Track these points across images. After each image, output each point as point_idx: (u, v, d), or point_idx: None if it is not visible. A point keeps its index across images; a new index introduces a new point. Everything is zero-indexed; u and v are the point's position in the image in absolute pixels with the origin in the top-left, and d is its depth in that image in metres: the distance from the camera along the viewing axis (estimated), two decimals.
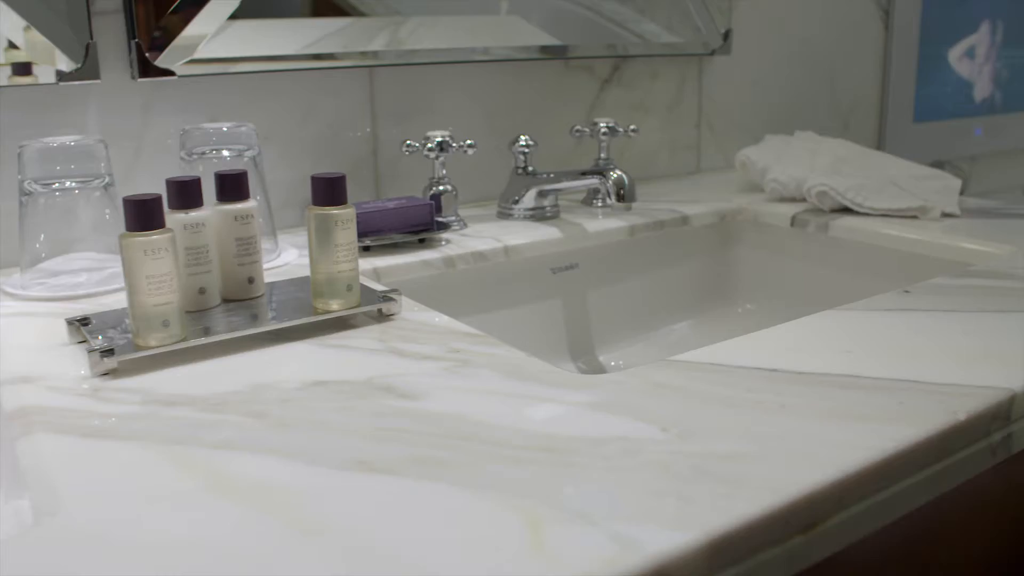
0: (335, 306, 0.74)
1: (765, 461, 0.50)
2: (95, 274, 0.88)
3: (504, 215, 1.15)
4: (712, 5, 1.43)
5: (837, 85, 1.74)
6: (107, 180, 0.89)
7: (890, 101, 1.84)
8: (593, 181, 1.04)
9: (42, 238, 0.88)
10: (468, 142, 1.08)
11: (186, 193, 0.73)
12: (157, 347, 0.67)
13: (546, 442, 0.53)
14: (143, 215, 0.65)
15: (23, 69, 0.95)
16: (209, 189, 0.78)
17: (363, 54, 1.12)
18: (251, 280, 0.78)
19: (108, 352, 0.65)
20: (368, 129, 1.16)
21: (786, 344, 0.69)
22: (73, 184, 0.87)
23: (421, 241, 1.01)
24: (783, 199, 1.24)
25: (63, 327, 0.75)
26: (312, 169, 1.13)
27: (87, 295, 0.85)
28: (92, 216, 0.89)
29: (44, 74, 0.95)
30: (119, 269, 0.88)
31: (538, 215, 1.13)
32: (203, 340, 0.68)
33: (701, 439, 0.52)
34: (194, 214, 0.73)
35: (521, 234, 1.06)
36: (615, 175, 1.01)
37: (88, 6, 0.94)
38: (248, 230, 0.77)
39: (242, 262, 0.77)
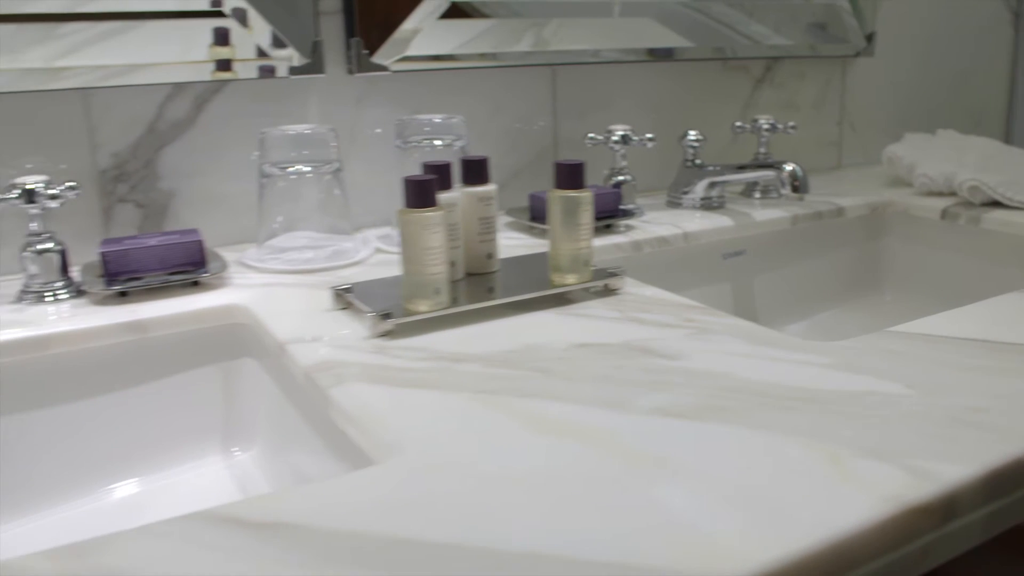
0: (571, 280, 0.82)
1: (1008, 413, 0.57)
2: (320, 251, 0.98)
3: (673, 204, 1.22)
4: (859, 9, 1.48)
5: (969, 86, 1.78)
6: (337, 165, 0.98)
7: (1018, 102, 1.87)
8: (767, 173, 1.09)
9: (279, 219, 0.97)
10: (648, 136, 1.15)
11: (440, 176, 0.81)
12: (427, 312, 0.75)
13: (808, 394, 0.60)
14: (422, 194, 0.74)
15: (225, 65, 1.04)
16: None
17: (544, 53, 1.20)
18: (490, 256, 0.86)
19: (386, 315, 0.74)
20: (542, 123, 1.25)
21: (986, 320, 0.76)
22: (307, 168, 0.97)
23: (606, 227, 1.09)
24: (931, 193, 1.29)
25: (319, 295, 0.84)
26: (502, 160, 1.21)
27: (321, 269, 0.95)
28: (319, 198, 0.98)
29: (244, 70, 1.03)
30: (341, 247, 0.98)
31: (707, 204, 1.20)
32: (474, 305, 0.77)
33: (945, 394, 0.60)
34: (446, 195, 0.82)
35: (696, 221, 1.13)
36: (789, 167, 1.06)
37: (315, 6, 1.03)
38: (489, 210, 0.85)
39: (483, 239, 0.85)
